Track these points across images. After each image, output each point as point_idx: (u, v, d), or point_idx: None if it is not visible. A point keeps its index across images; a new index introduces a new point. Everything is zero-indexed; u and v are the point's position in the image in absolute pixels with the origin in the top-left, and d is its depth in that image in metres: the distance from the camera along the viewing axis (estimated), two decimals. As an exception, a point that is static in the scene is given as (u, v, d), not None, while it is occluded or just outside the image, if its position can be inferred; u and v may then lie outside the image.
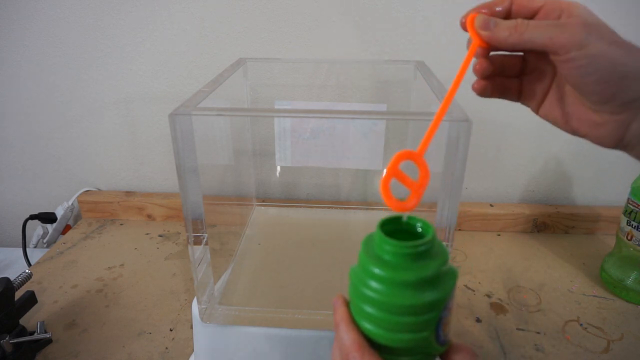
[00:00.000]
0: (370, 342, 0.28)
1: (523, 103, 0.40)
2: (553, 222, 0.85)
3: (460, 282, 0.72)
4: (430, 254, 0.28)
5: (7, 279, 0.55)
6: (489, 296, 0.69)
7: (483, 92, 0.37)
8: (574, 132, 0.36)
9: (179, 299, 0.68)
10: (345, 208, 0.77)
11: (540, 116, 0.39)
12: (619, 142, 0.33)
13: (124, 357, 0.58)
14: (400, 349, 0.28)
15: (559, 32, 0.30)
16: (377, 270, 0.27)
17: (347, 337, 0.29)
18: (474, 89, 0.37)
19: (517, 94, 0.39)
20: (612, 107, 0.31)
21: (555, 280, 0.72)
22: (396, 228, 0.30)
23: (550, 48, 0.31)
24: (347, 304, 0.31)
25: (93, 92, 0.84)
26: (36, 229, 0.89)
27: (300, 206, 0.81)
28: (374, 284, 0.27)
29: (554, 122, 0.38)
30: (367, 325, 0.28)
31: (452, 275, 0.28)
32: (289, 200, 0.85)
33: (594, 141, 0.34)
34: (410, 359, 0.29)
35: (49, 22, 0.79)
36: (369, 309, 0.28)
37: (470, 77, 0.35)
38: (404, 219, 0.30)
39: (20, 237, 0.83)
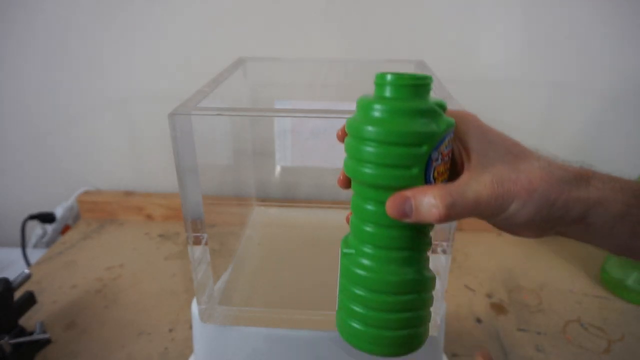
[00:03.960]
0: (366, 186, 0.30)
1: None
2: (553, 222, 0.85)
3: (460, 282, 0.71)
4: (427, 94, 0.29)
5: (6, 279, 0.55)
6: (489, 296, 0.68)
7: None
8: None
9: (179, 299, 0.68)
10: (345, 208, 0.76)
11: None
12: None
13: (124, 357, 0.57)
14: (392, 187, 0.29)
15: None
16: (377, 106, 0.29)
17: None
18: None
19: None
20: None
21: (556, 280, 0.72)
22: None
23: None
24: None
25: (92, 92, 0.84)
26: (35, 229, 0.89)
27: (300, 206, 0.81)
28: (376, 113, 0.29)
29: None
30: (365, 169, 0.29)
31: (448, 122, 0.29)
32: (289, 200, 0.85)
33: None
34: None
35: (49, 22, 0.78)
36: (368, 148, 0.29)
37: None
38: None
39: (20, 237, 0.83)
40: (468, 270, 0.74)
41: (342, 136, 0.33)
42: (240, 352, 0.50)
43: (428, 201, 0.28)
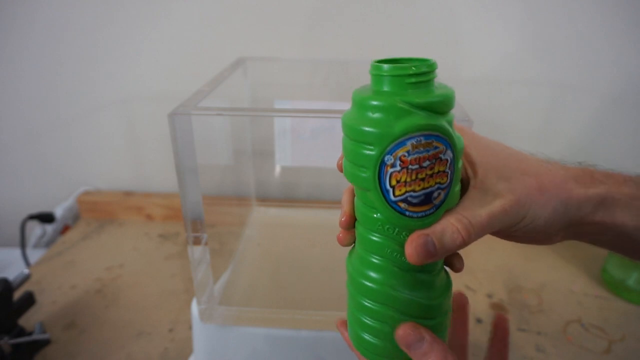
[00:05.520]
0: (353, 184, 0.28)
1: None
2: (554, 222, 0.85)
3: (460, 282, 0.71)
4: (415, 86, 0.26)
5: (5, 280, 0.55)
6: (489, 296, 0.68)
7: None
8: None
9: (179, 299, 0.68)
10: (345, 208, 0.76)
11: None
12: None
13: (123, 357, 0.57)
14: (360, 186, 0.27)
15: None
16: (353, 96, 0.27)
17: None
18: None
19: None
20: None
21: (556, 280, 0.72)
22: None
23: None
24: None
25: (92, 92, 0.84)
26: (35, 229, 0.88)
27: (300, 206, 0.81)
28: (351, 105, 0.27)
29: None
30: (345, 164, 0.28)
31: (415, 124, 0.24)
32: (289, 200, 0.85)
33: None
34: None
35: (48, 22, 0.78)
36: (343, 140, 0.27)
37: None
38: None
39: (19, 237, 0.83)
40: (468, 270, 0.74)
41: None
42: (240, 352, 0.50)
43: (450, 229, 0.26)
